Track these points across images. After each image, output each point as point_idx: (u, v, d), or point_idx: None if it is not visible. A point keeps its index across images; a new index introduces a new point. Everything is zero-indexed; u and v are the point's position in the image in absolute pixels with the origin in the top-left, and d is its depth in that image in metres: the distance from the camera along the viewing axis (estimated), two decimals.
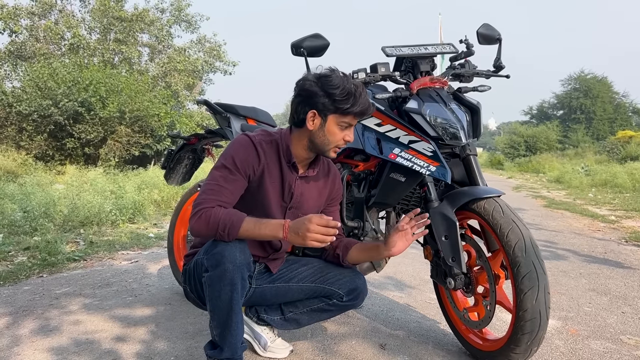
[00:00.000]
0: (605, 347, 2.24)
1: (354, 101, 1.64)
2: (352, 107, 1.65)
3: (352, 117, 1.69)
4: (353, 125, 1.72)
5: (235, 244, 1.61)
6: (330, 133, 1.69)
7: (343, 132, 1.70)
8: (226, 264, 1.57)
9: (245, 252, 1.63)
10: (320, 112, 1.67)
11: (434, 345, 2.23)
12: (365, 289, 1.93)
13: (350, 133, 1.72)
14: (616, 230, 5.79)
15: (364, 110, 1.68)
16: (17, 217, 4.91)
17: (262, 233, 1.60)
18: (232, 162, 1.68)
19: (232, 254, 1.58)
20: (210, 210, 1.60)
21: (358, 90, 1.65)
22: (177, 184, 3.19)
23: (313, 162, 1.83)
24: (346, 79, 1.66)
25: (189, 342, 2.20)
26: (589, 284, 3.36)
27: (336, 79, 1.64)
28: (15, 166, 9.97)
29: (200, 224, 1.60)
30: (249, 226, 1.60)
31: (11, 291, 2.96)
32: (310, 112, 1.68)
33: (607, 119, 35.33)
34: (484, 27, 2.21)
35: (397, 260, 3.87)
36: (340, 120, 1.68)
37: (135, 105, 11.80)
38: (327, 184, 1.91)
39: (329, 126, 1.69)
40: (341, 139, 1.71)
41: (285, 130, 1.80)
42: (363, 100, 1.66)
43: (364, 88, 1.69)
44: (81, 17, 18.14)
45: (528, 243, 1.79)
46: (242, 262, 1.60)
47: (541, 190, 11.98)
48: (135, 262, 3.85)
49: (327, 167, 1.92)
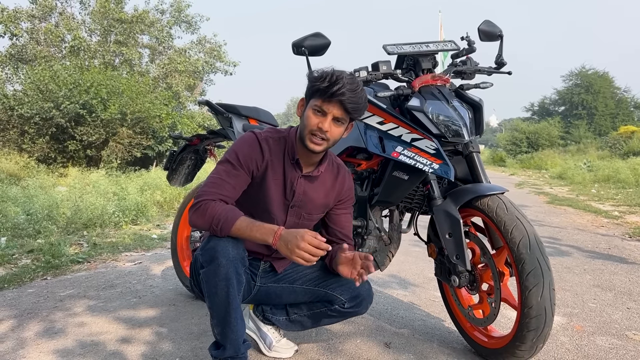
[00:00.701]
0: (611, 343, 2.24)
1: (327, 82, 1.59)
2: (320, 84, 1.60)
3: (323, 101, 1.61)
4: (328, 112, 1.62)
5: (228, 238, 1.61)
6: (306, 117, 1.66)
7: (317, 119, 1.64)
8: (219, 259, 1.58)
9: (239, 246, 1.63)
10: (306, 98, 1.69)
11: (439, 343, 2.23)
12: (369, 297, 1.88)
13: (324, 121, 1.63)
14: (620, 225, 5.78)
15: (335, 92, 1.58)
16: (20, 220, 4.92)
17: (252, 235, 1.59)
18: (236, 157, 1.69)
19: (225, 249, 1.59)
20: (210, 203, 1.61)
21: (339, 78, 1.59)
22: (180, 185, 3.19)
23: (320, 162, 1.81)
24: (339, 71, 1.63)
25: (194, 342, 2.20)
26: (594, 280, 3.35)
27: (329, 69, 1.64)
28: (18, 169, 9.98)
29: (197, 216, 1.63)
30: (242, 225, 1.59)
31: (16, 294, 2.97)
32: (300, 100, 1.72)
33: (609, 114, 35.21)
34: (485, 24, 2.21)
35: (401, 258, 3.87)
36: (313, 103, 1.64)
37: (137, 107, 11.80)
38: (336, 185, 1.86)
39: (307, 111, 1.67)
40: (315, 125, 1.63)
41: (294, 129, 1.79)
42: (340, 85, 1.58)
43: (353, 80, 1.62)
44: (81, 20, 18.16)
45: (532, 240, 1.79)
46: (236, 257, 1.60)
47: (544, 187, 11.96)
48: (138, 263, 3.86)
49: (336, 168, 1.88)
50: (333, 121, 1.64)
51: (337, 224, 1.91)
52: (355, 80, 1.63)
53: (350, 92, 1.59)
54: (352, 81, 1.62)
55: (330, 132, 1.65)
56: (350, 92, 1.59)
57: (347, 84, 1.59)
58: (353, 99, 1.61)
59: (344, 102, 1.60)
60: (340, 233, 1.91)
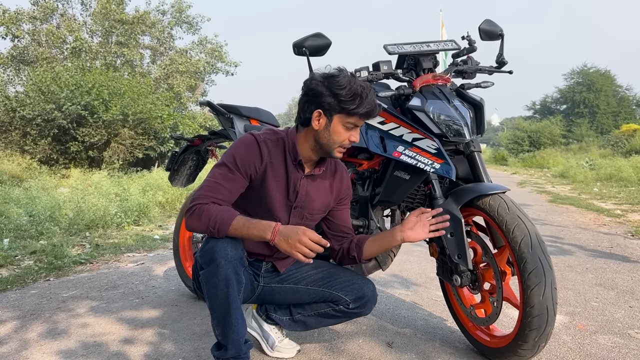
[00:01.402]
0: (613, 342, 2.24)
1: (360, 102, 1.63)
2: (357, 108, 1.63)
3: (357, 118, 1.67)
4: (359, 126, 1.71)
5: (226, 239, 1.62)
6: (335, 133, 1.68)
7: (349, 133, 1.69)
8: (218, 260, 1.59)
9: (237, 247, 1.64)
10: (326, 111, 1.67)
11: (442, 343, 2.23)
12: (373, 297, 1.90)
13: (355, 134, 1.71)
14: (622, 224, 5.77)
15: (369, 111, 1.66)
16: (22, 221, 4.93)
17: (250, 232, 1.60)
18: (233, 161, 1.69)
19: (223, 249, 1.60)
20: (204, 206, 1.62)
21: (365, 91, 1.64)
22: (182, 186, 3.20)
23: (320, 161, 1.82)
24: (353, 80, 1.65)
25: (197, 343, 2.20)
26: (596, 279, 3.35)
27: (343, 79, 1.63)
28: (20, 170, 10.02)
29: (193, 219, 1.64)
30: (239, 224, 1.60)
31: (19, 295, 2.98)
32: (316, 112, 1.68)
33: (610, 112, 35.14)
34: (486, 23, 2.21)
35: (402, 258, 3.87)
36: (345, 120, 1.67)
37: (138, 108, 11.83)
38: (335, 182, 1.89)
39: (334, 126, 1.68)
40: (346, 139, 1.70)
41: (292, 129, 1.80)
42: (369, 101, 1.65)
43: (371, 89, 1.68)
44: (83, 21, 18.21)
45: (534, 239, 1.79)
46: (234, 257, 1.61)
47: (546, 186, 11.94)
48: (141, 264, 3.87)
49: (334, 166, 1.90)
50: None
51: (339, 219, 1.95)
52: (372, 89, 1.70)
53: (375, 108, 1.68)
54: (372, 92, 1.68)
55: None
56: (375, 108, 1.68)
57: (373, 100, 1.67)
58: (376, 111, 1.70)
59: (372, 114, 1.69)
60: (344, 227, 1.95)
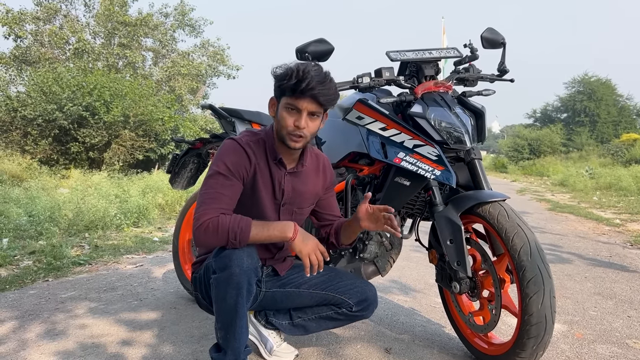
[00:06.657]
0: (612, 352, 2.24)
1: (290, 77, 1.57)
2: (287, 82, 1.58)
3: (294, 99, 1.60)
4: (302, 109, 1.62)
5: (243, 248, 1.61)
6: (281, 118, 1.66)
7: (292, 117, 1.63)
8: (233, 268, 1.58)
9: (253, 256, 1.63)
10: (276, 98, 1.69)
11: (439, 350, 2.23)
12: (375, 300, 1.92)
13: (300, 119, 1.62)
14: (621, 233, 5.77)
15: (300, 86, 1.56)
16: (22, 221, 4.93)
17: (270, 234, 1.62)
18: (226, 168, 1.67)
19: (239, 258, 1.59)
20: (216, 219, 1.59)
21: (300, 68, 1.57)
22: (182, 188, 3.20)
23: (301, 156, 1.81)
24: (299, 63, 1.60)
25: (195, 346, 2.20)
26: (595, 288, 3.35)
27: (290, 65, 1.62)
28: (20, 170, 10.00)
29: (207, 235, 1.59)
30: (257, 230, 1.61)
31: (17, 295, 2.98)
32: (270, 100, 1.72)
33: (611, 121, 35.15)
34: (488, 32, 2.22)
35: (402, 264, 3.87)
36: (285, 102, 1.64)
37: (140, 110, 11.84)
38: (319, 175, 1.89)
39: (280, 111, 1.67)
40: (292, 124, 1.63)
41: (269, 128, 1.80)
42: (302, 77, 1.56)
43: (320, 71, 1.61)
44: (85, 22, 18.24)
45: (533, 247, 1.79)
46: (250, 267, 1.60)
47: (545, 194, 11.95)
48: (140, 266, 3.86)
49: (315, 159, 1.89)
50: (308, 116, 1.64)
51: (326, 209, 1.97)
52: (322, 71, 1.63)
53: (320, 85, 1.58)
54: (319, 72, 1.61)
55: (308, 128, 1.66)
56: (320, 85, 1.58)
57: (315, 76, 1.58)
58: (324, 90, 1.60)
59: (316, 96, 1.59)
60: (331, 215, 1.98)
